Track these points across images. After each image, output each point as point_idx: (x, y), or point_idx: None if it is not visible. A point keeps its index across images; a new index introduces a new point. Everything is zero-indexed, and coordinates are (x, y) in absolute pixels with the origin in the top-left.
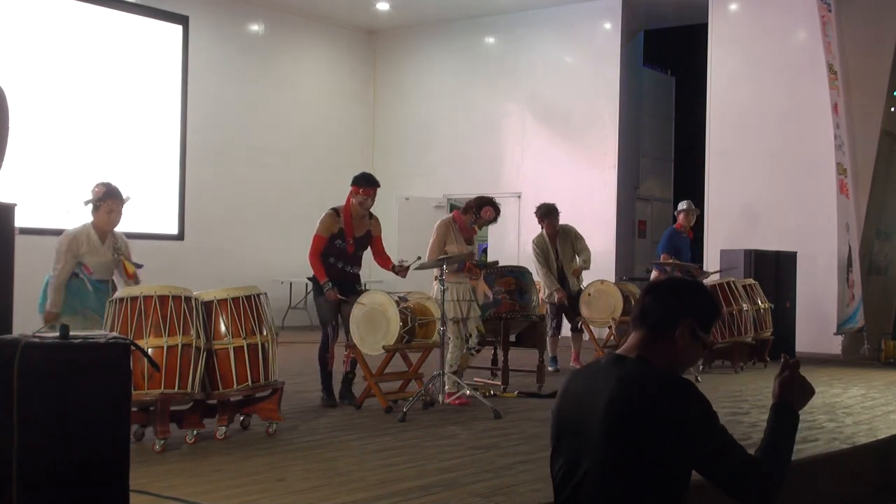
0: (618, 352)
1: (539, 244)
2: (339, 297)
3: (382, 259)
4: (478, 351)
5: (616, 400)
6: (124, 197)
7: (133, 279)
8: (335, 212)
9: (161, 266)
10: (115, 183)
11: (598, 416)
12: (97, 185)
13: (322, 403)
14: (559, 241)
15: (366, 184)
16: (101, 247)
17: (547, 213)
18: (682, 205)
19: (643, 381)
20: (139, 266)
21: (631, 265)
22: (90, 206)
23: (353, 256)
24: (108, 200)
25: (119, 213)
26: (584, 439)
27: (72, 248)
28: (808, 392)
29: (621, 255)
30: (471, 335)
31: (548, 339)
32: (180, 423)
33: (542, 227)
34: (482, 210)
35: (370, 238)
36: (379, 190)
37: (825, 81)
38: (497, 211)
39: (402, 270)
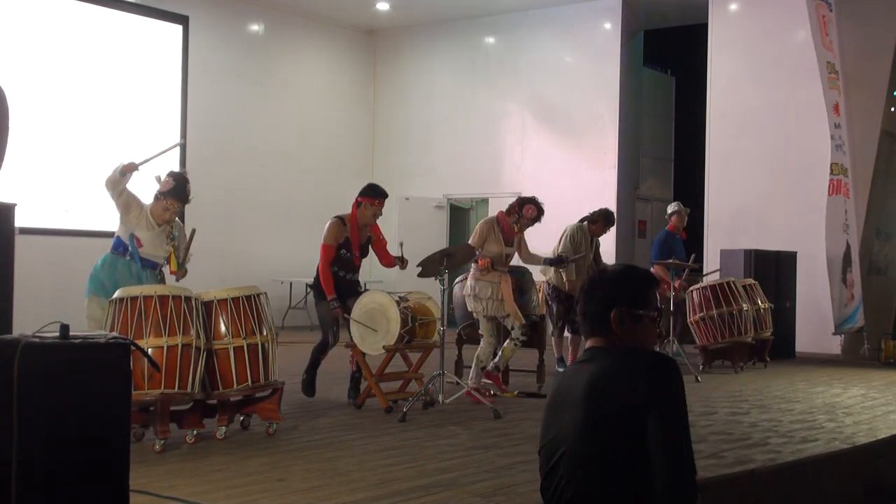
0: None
1: (581, 232)
2: (345, 316)
3: (387, 259)
4: (523, 342)
5: (598, 374)
6: (190, 198)
7: (175, 274)
8: (341, 220)
9: None
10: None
11: (580, 392)
12: (168, 176)
13: (301, 388)
14: (595, 243)
15: (379, 195)
16: (156, 227)
17: (610, 223)
18: (673, 206)
19: (629, 357)
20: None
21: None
22: (157, 185)
23: (355, 264)
24: (169, 199)
25: (175, 213)
26: (566, 419)
27: (131, 205)
28: None
29: (621, 255)
30: (513, 327)
31: (553, 340)
32: (180, 423)
33: (594, 227)
34: (524, 209)
35: (369, 243)
36: None
37: (826, 81)
38: (540, 210)
39: (401, 262)
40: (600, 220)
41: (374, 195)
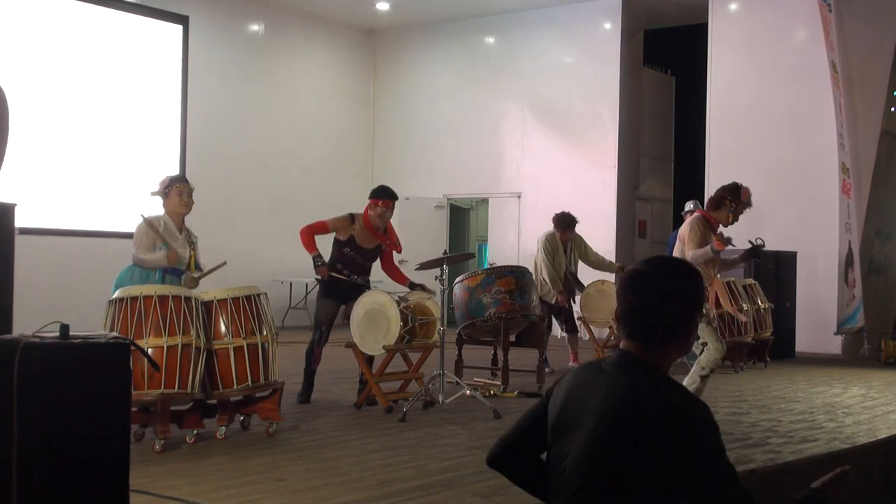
0: (622, 348)
1: (551, 242)
2: (332, 274)
3: (395, 274)
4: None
5: (619, 406)
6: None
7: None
8: (351, 217)
9: None
10: (114, 182)
11: (593, 417)
12: (164, 178)
13: (298, 399)
14: (571, 245)
15: (386, 196)
16: (179, 235)
17: (568, 226)
18: (689, 205)
19: (654, 394)
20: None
21: (631, 265)
22: (159, 197)
23: (362, 267)
24: (176, 184)
25: (191, 196)
26: (576, 426)
27: (152, 228)
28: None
29: (621, 256)
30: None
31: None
32: (180, 423)
33: (557, 233)
34: (742, 193)
35: (380, 251)
36: None
37: (826, 81)
38: (748, 192)
39: (421, 289)
40: (558, 227)
41: (376, 195)
